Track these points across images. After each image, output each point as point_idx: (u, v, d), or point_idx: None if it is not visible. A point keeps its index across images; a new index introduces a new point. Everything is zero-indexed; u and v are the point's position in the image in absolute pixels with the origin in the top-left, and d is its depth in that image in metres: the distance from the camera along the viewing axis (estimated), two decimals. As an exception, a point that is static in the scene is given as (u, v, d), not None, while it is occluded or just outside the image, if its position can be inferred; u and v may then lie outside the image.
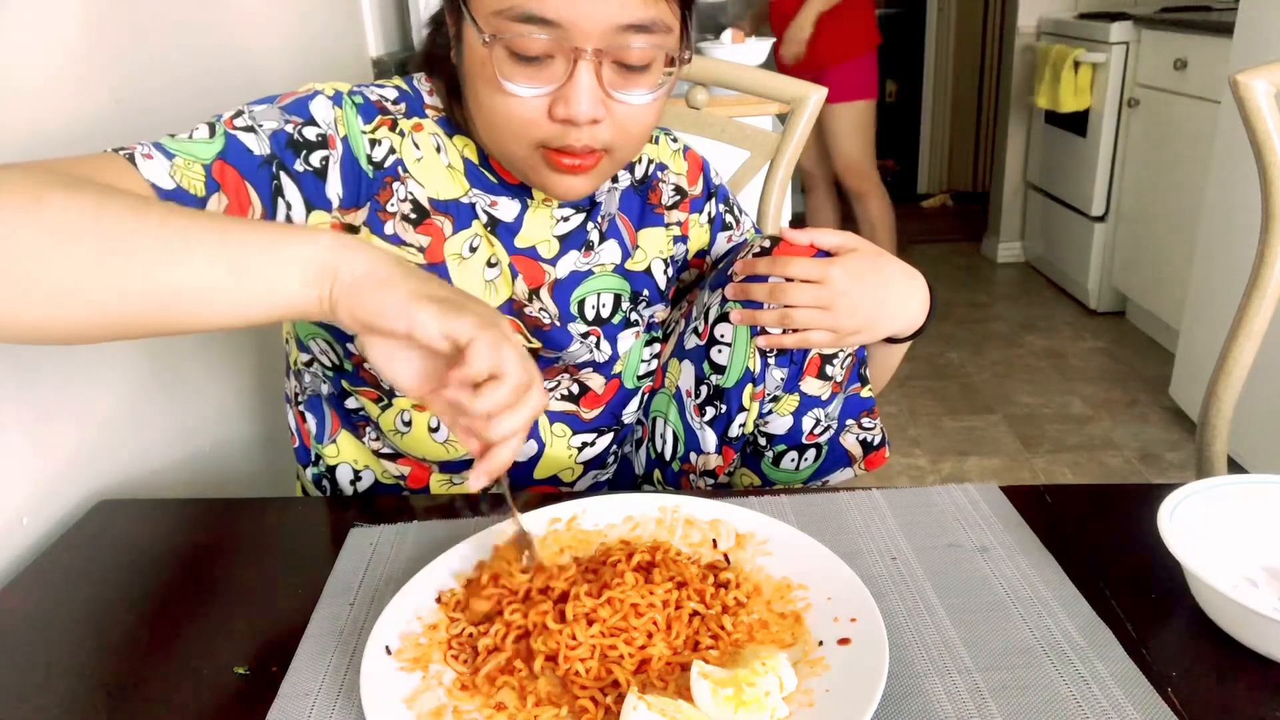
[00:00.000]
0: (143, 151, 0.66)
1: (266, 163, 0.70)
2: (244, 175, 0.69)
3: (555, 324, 0.86)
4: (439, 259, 0.80)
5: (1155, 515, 0.64)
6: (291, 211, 0.72)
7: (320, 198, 0.73)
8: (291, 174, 0.71)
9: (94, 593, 0.71)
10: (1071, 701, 0.56)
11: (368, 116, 0.77)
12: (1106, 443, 2.48)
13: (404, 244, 0.78)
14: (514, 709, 0.56)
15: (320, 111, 0.74)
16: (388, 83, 0.82)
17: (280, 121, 0.72)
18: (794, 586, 0.66)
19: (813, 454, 0.91)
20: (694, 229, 0.97)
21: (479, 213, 0.82)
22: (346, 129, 0.75)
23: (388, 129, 0.77)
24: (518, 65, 0.70)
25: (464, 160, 0.81)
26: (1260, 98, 0.98)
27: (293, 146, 0.71)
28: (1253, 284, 1.02)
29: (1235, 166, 2.20)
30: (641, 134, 0.77)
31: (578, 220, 0.87)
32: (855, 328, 0.83)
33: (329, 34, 1.62)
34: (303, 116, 0.73)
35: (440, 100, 0.82)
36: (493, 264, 0.82)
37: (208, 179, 0.67)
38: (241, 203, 0.69)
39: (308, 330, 0.83)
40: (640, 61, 0.71)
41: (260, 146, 0.70)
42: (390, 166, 0.77)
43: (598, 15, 0.68)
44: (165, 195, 0.65)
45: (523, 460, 0.88)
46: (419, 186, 0.79)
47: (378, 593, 0.68)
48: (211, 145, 0.69)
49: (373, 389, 0.82)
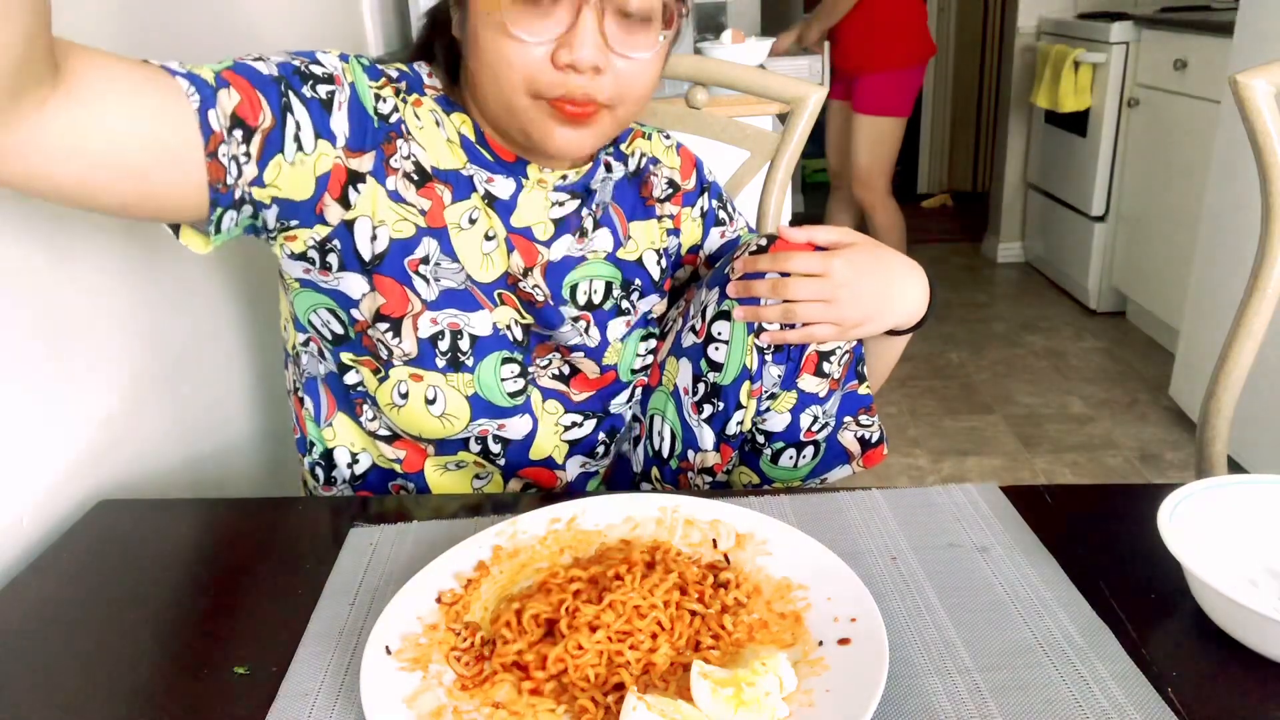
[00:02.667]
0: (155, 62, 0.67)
1: (275, 81, 0.71)
2: (254, 84, 0.70)
3: (548, 303, 0.86)
4: (439, 224, 0.81)
5: (1155, 515, 0.64)
6: (300, 133, 0.72)
7: (325, 128, 0.74)
8: (300, 96, 0.72)
9: (94, 593, 0.71)
10: (1071, 701, 0.56)
11: (373, 76, 0.79)
12: (1106, 443, 2.48)
13: (405, 203, 0.79)
14: (513, 708, 0.56)
15: (326, 59, 0.76)
16: (389, 65, 0.84)
17: (287, 56, 0.74)
18: (794, 586, 0.66)
19: (811, 451, 0.92)
20: (686, 223, 0.97)
21: (477, 186, 0.83)
22: (354, 77, 0.77)
23: (392, 93, 0.80)
24: (524, 10, 0.73)
25: (460, 136, 0.83)
26: (1260, 98, 0.98)
27: (299, 75, 0.73)
28: (1253, 284, 1.02)
29: (1235, 166, 2.20)
30: (640, 95, 0.80)
31: (573, 205, 0.88)
32: (858, 320, 0.83)
33: (329, 34, 1.62)
34: (309, 58, 0.75)
35: (439, 81, 0.84)
36: (490, 237, 0.84)
37: (217, 78, 0.68)
38: (252, 104, 0.69)
39: (308, 304, 0.82)
40: (640, 12, 0.75)
41: (268, 69, 0.72)
42: (395, 123, 0.79)
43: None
44: (175, 73, 0.66)
45: (518, 440, 0.88)
46: (421, 150, 0.81)
47: (378, 593, 0.68)
48: (218, 65, 0.70)
49: (372, 358, 0.83)
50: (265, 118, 0.70)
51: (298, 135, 0.72)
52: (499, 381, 0.84)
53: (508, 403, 0.85)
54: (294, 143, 0.72)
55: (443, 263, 0.81)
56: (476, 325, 0.83)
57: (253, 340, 1.21)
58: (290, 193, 0.74)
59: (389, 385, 0.83)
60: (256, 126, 0.70)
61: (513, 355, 0.85)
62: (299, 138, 0.72)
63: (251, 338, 1.21)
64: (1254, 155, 1.00)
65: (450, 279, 0.82)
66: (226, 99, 0.68)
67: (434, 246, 0.81)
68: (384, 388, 0.83)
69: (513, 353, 0.85)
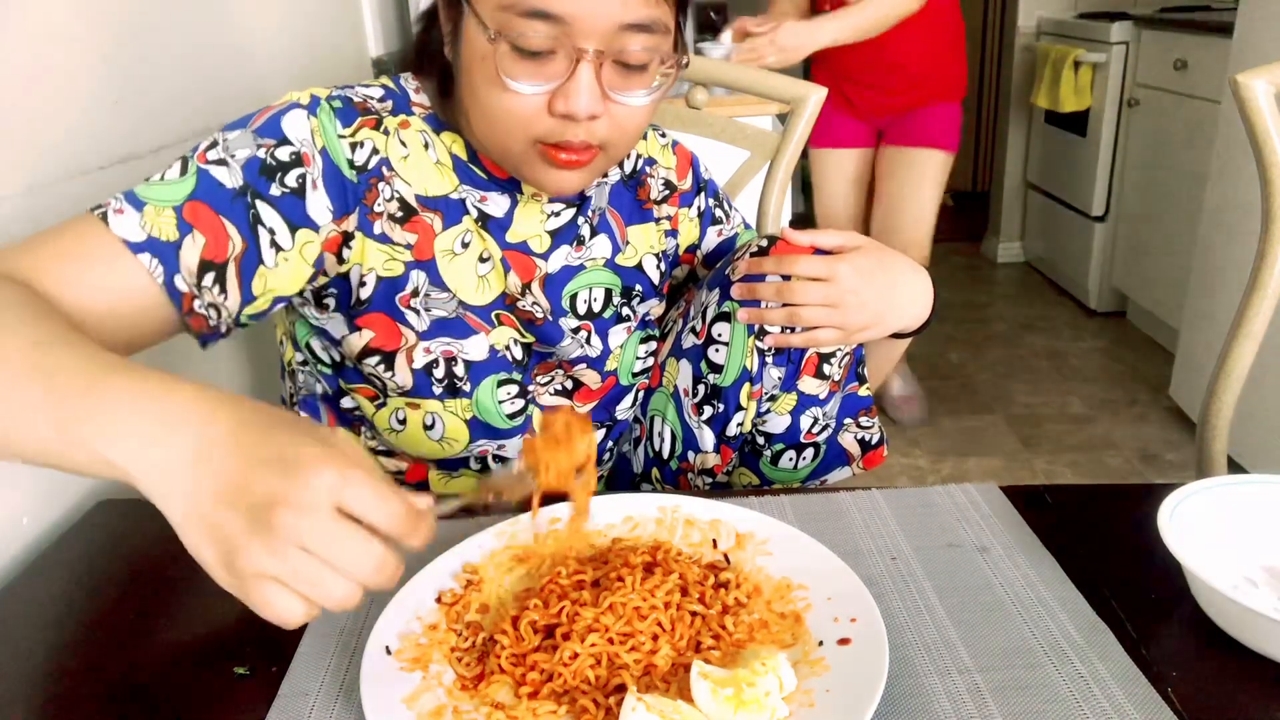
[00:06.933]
0: (114, 207, 0.67)
1: (240, 193, 0.70)
2: (218, 210, 0.69)
3: (548, 318, 0.86)
4: (428, 255, 0.80)
5: (1155, 515, 0.64)
6: (276, 236, 0.72)
7: (302, 217, 0.73)
8: (268, 199, 0.71)
9: (94, 593, 0.71)
10: (1071, 701, 0.56)
11: (346, 120, 0.76)
12: (1106, 443, 2.48)
13: (392, 242, 0.78)
14: (513, 709, 0.56)
15: (294, 128, 0.73)
16: (374, 82, 0.82)
17: (253, 147, 0.71)
18: (794, 586, 0.66)
19: (811, 453, 0.91)
20: (684, 223, 0.97)
21: (469, 208, 0.82)
22: (324, 139, 0.74)
23: (370, 129, 0.77)
24: (520, 61, 0.70)
25: (452, 156, 0.81)
26: (1260, 98, 0.98)
27: (266, 172, 0.71)
28: (1253, 284, 1.02)
29: (1235, 166, 2.20)
30: (636, 132, 0.77)
31: (568, 215, 0.87)
32: (863, 325, 0.83)
33: (329, 34, 1.62)
34: (275, 137, 0.72)
35: (428, 98, 0.82)
36: (485, 259, 0.82)
37: (179, 222, 0.68)
38: (218, 239, 0.69)
39: (306, 331, 0.83)
40: (638, 61, 0.72)
41: (233, 179, 0.70)
42: (374, 168, 0.77)
43: (601, 12, 0.68)
44: (136, 249, 0.66)
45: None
46: (405, 185, 0.78)
47: (378, 593, 0.68)
48: (182, 185, 0.69)
49: (368, 386, 0.82)
50: (235, 245, 0.70)
51: (274, 241, 0.72)
52: (497, 404, 0.83)
53: (507, 424, 0.84)
54: (271, 249, 0.72)
55: (432, 293, 0.80)
56: (471, 351, 0.82)
57: (251, 343, 1.21)
58: (287, 287, 0.74)
59: (386, 412, 0.83)
60: (227, 258, 0.70)
61: (511, 376, 0.84)
62: (275, 243, 0.72)
63: (249, 341, 1.21)
64: (1254, 155, 1.00)
65: (441, 308, 0.81)
66: (191, 249, 0.68)
67: (423, 279, 0.79)
68: (381, 414, 0.83)
69: (511, 373, 0.84)
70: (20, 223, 0.79)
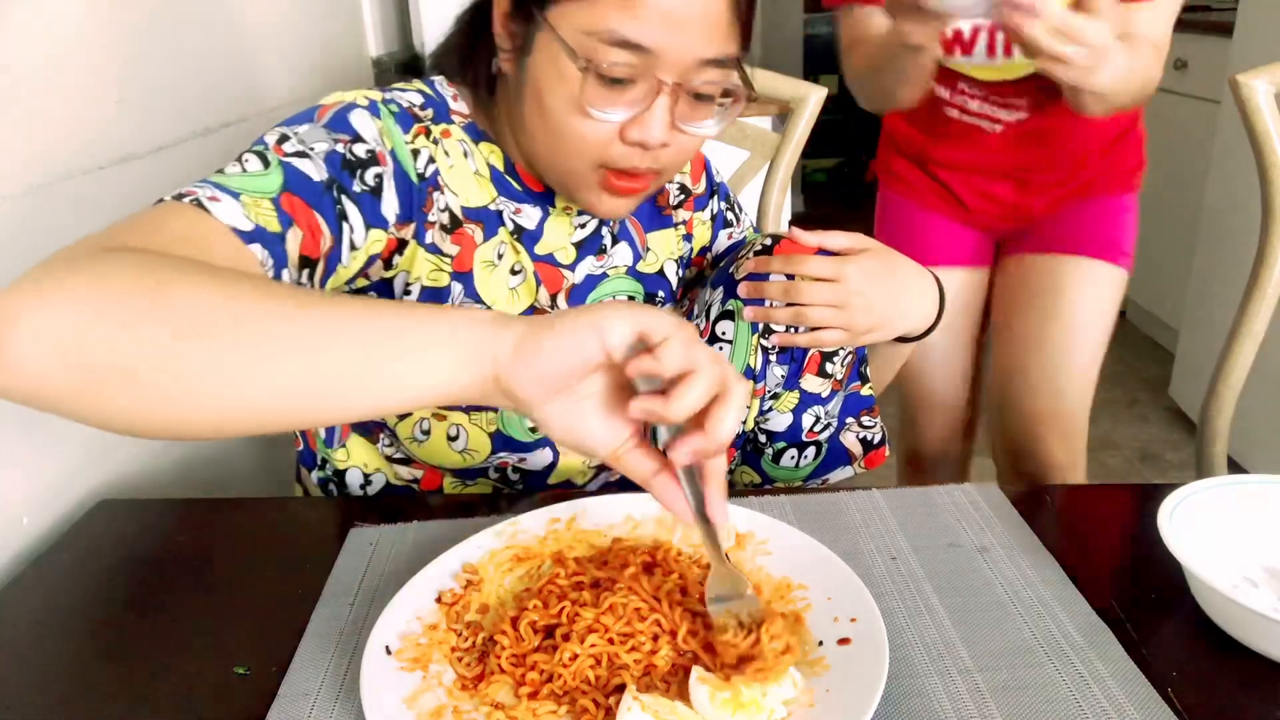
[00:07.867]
0: (206, 195, 0.61)
1: (328, 187, 0.68)
2: (310, 204, 0.66)
3: None
4: (467, 267, 0.79)
5: (1155, 515, 0.64)
6: (354, 235, 0.70)
7: (377, 216, 0.71)
8: (351, 195, 0.69)
9: (94, 593, 0.71)
10: (1071, 701, 0.56)
11: (405, 125, 0.75)
12: (1106, 443, 2.48)
13: (440, 253, 0.77)
14: (513, 709, 0.56)
15: (363, 126, 0.72)
16: (409, 86, 0.80)
17: (330, 142, 0.70)
18: (794, 586, 0.66)
19: (812, 452, 0.91)
20: (698, 227, 0.97)
21: (505, 220, 0.81)
22: (392, 141, 0.73)
23: (424, 137, 0.76)
24: (602, 88, 0.70)
25: (490, 168, 0.80)
26: (1260, 98, 0.98)
27: (348, 167, 0.69)
28: (1253, 284, 1.02)
29: (1235, 166, 2.20)
30: (689, 158, 0.79)
31: (593, 226, 0.87)
32: (869, 327, 0.83)
33: (329, 34, 1.62)
34: (349, 134, 0.71)
35: (466, 105, 0.81)
36: (516, 271, 0.82)
37: (279, 213, 0.63)
38: (314, 233, 0.66)
39: None
40: (709, 93, 0.73)
41: (319, 172, 0.67)
42: (431, 177, 0.76)
43: (686, 46, 0.68)
44: (247, 237, 0.60)
45: (538, 470, 0.87)
46: (453, 195, 0.78)
47: (378, 593, 0.68)
48: (271, 177, 0.65)
49: None
50: (325, 240, 0.67)
51: (352, 240, 0.70)
52: (522, 418, 0.83)
53: (530, 438, 0.84)
54: (349, 248, 0.70)
55: (466, 304, 0.79)
56: None
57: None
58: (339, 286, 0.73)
59: (410, 422, 0.82)
60: (319, 256, 0.67)
61: None
62: (353, 241, 0.70)
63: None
64: (1254, 155, 1.00)
65: None
66: (293, 242, 0.64)
67: (459, 290, 0.79)
68: (404, 425, 0.83)
69: None
70: (20, 223, 0.79)
